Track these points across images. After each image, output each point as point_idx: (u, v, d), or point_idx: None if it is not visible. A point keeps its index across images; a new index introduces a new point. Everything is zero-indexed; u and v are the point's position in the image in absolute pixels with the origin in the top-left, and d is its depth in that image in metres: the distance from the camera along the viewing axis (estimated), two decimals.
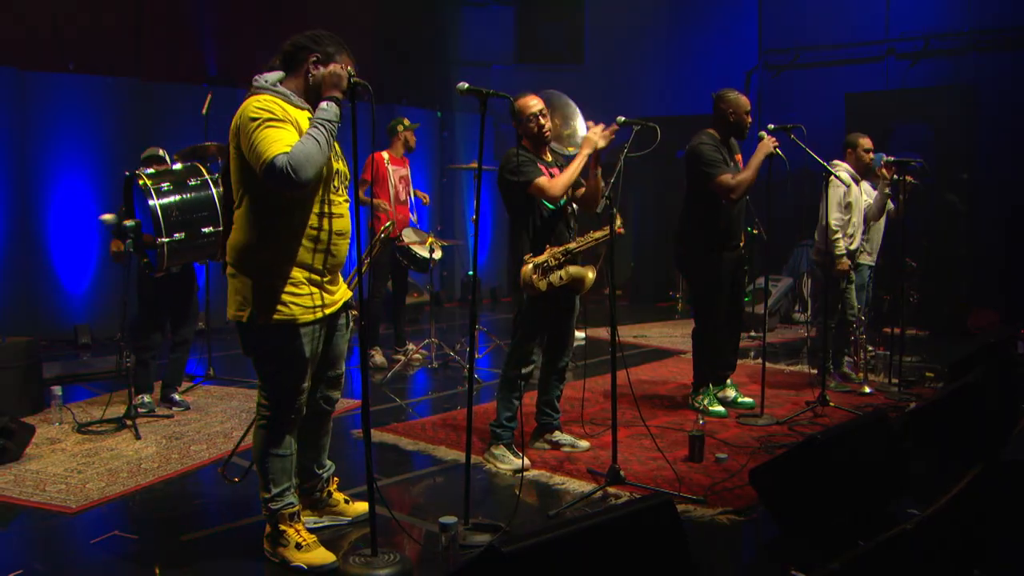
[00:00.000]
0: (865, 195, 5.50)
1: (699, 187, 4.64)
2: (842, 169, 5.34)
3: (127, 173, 4.68)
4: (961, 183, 8.20)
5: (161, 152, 5.11)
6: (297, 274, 2.75)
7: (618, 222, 4.11)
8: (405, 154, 6.47)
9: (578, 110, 4.15)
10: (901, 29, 8.91)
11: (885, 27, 9.02)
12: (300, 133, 2.65)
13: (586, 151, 3.83)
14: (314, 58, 2.77)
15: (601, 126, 3.86)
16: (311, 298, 2.78)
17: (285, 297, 2.73)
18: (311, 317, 2.78)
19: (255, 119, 2.61)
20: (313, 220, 2.76)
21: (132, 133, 7.38)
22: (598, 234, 4.04)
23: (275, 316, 2.72)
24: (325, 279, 2.84)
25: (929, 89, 8.53)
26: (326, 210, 2.79)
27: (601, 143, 3.83)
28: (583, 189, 3.96)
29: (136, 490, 3.62)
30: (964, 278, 8.10)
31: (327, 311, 2.85)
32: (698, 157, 4.59)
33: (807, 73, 9.56)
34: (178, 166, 4.77)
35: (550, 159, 3.99)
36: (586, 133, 3.89)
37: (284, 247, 2.74)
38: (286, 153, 2.54)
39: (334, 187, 2.82)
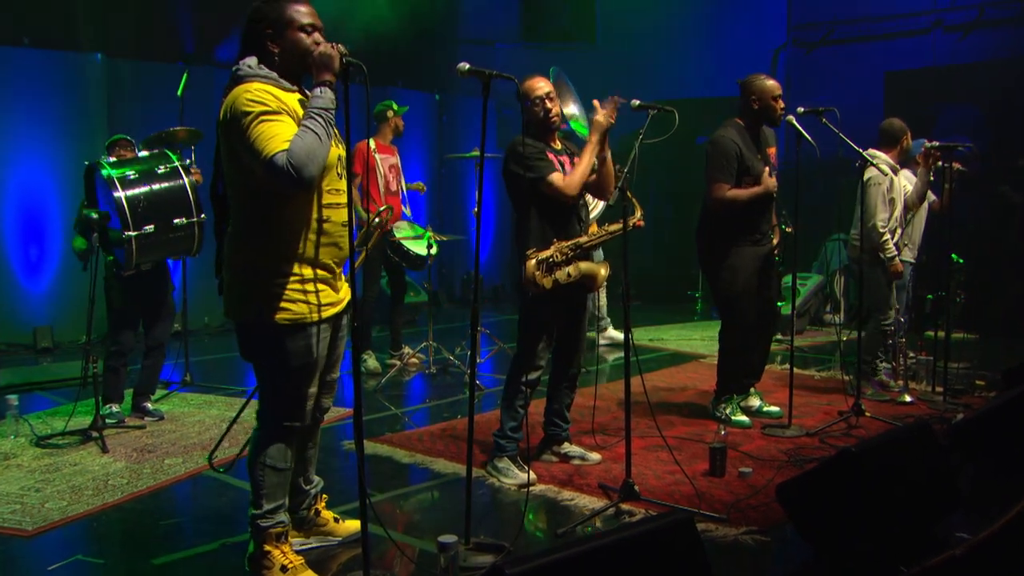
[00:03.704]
0: (905, 181, 5.50)
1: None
2: (881, 160, 5.33)
3: (87, 163, 4.70)
4: (1015, 170, 8.15)
5: (129, 137, 5.13)
6: (304, 271, 2.76)
7: (638, 214, 4.12)
8: (393, 140, 6.47)
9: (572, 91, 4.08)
10: None
11: None
12: (295, 119, 2.66)
13: (595, 137, 3.83)
14: (268, 32, 2.75)
15: (603, 107, 3.82)
16: (318, 296, 2.79)
17: (291, 295, 2.74)
18: (318, 316, 2.79)
19: (248, 112, 2.61)
20: (315, 211, 2.77)
21: (97, 116, 7.36)
22: (613, 227, 4.03)
23: (280, 316, 2.73)
24: (331, 275, 2.85)
25: (980, 65, 8.37)
26: (328, 200, 2.80)
27: (608, 122, 3.81)
28: (594, 176, 3.96)
29: (102, 509, 3.62)
30: (1018, 275, 8.04)
31: (334, 310, 2.87)
32: (710, 151, 4.65)
33: (842, 50, 9.49)
34: (144, 153, 4.81)
35: (559, 146, 4.00)
36: (594, 116, 3.86)
37: (287, 241, 2.74)
38: (286, 150, 2.55)
39: (336, 174, 2.83)
